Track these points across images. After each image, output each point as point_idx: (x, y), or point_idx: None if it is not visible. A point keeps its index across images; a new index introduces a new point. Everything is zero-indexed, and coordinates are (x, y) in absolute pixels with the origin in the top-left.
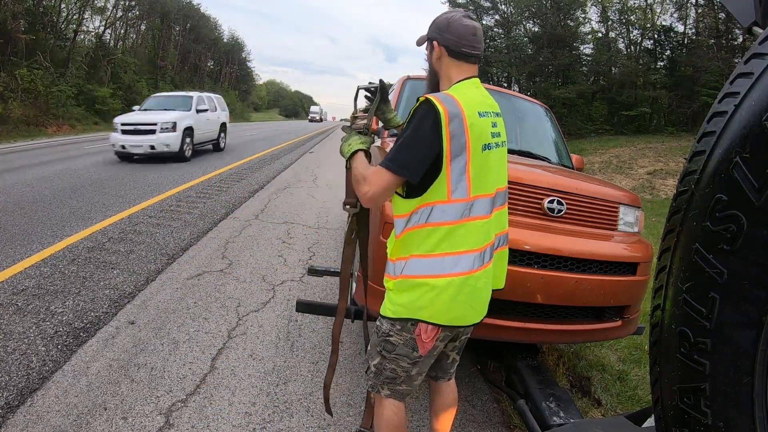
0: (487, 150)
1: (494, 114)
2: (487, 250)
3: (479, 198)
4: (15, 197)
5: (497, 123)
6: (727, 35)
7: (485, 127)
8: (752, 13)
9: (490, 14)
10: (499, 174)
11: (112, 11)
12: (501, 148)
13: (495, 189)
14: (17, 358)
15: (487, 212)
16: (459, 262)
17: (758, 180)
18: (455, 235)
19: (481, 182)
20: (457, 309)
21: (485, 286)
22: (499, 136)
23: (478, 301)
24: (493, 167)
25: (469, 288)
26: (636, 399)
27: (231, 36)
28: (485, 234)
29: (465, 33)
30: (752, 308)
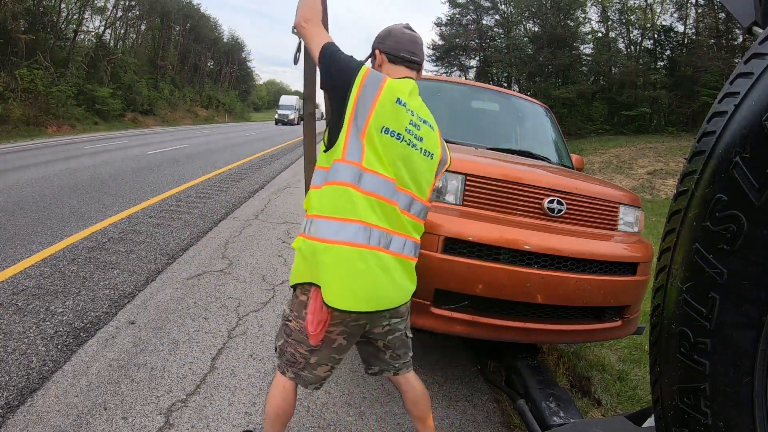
0: (395, 138)
1: (420, 118)
2: (383, 234)
3: (379, 175)
4: (15, 197)
5: (422, 128)
6: (727, 35)
7: (399, 114)
8: (752, 13)
9: (490, 14)
10: (417, 178)
11: (112, 11)
12: (425, 157)
13: (410, 188)
14: (17, 358)
15: (392, 198)
16: (347, 229)
17: (758, 180)
18: (350, 199)
19: (390, 164)
20: (334, 281)
21: (374, 271)
22: (420, 141)
23: (360, 282)
24: (411, 166)
25: (359, 263)
26: (636, 399)
27: (231, 36)
28: (384, 216)
29: (404, 40)
30: (752, 308)
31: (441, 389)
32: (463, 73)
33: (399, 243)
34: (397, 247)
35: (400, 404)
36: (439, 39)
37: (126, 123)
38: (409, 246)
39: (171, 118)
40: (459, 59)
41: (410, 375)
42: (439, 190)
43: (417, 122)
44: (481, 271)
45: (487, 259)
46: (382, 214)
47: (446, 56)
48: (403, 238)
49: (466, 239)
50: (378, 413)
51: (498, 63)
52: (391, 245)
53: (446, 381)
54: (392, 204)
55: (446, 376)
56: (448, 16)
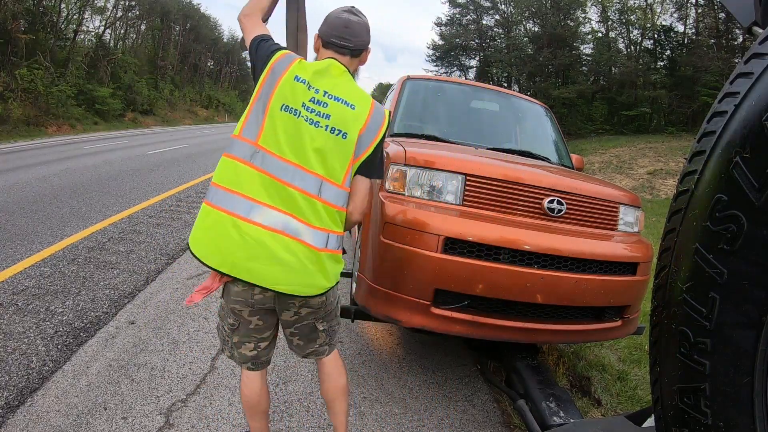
0: (291, 114)
1: (332, 96)
2: (277, 214)
3: (275, 156)
4: (15, 197)
5: (331, 105)
6: (727, 35)
7: (296, 91)
8: (752, 13)
9: (490, 14)
10: (325, 159)
11: (112, 11)
12: (332, 134)
13: (317, 170)
14: (17, 358)
15: (287, 179)
16: (230, 199)
17: (758, 180)
18: (236, 172)
19: (290, 145)
20: (211, 244)
21: (259, 243)
22: (326, 118)
23: (232, 247)
24: (313, 144)
25: (232, 229)
26: (636, 399)
27: (231, 36)
28: (279, 197)
29: (336, 24)
30: (752, 308)
31: (441, 389)
32: (463, 73)
33: (298, 227)
34: (295, 232)
35: (401, 404)
36: (439, 39)
37: (126, 123)
38: (318, 236)
39: (171, 118)
40: (459, 59)
41: (326, 361)
42: (439, 189)
43: (323, 100)
44: (481, 271)
45: (487, 259)
46: (276, 194)
47: (446, 56)
48: (306, 226)
49: (466, 239)
50: (378, 413)
51: (498, 63)
52: (287, 228)
53: (446, 381)
54: (291, 187)
55: (446, 376)
56: (448, 16)
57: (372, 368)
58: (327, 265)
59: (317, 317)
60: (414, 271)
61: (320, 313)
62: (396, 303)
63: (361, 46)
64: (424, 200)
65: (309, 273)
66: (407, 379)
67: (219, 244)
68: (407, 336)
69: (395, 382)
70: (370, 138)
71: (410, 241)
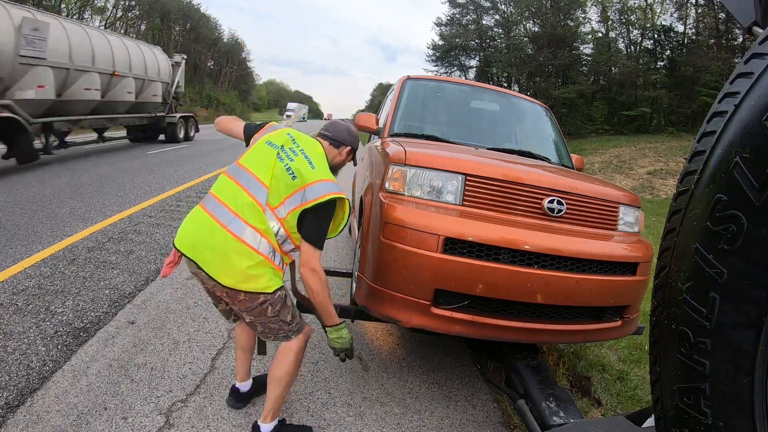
0: (270, 147)
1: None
2: (219, 204)
3: (240, 166)
4: (15, 197)
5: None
6: (727, 35)
7: (283, 137)
8: (752, 13)
9: (490, 14)
10: (267, 171)
11: (112, 11)
12: (282, 162)
13: (259, 176)
14: (17, 358)
15: (240, 181)
16: (207, 195)
17: (758, 180)
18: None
19: (251, 159)
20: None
21: (199, 226)
22: (291, 161)
23: (187, 229)
24: (268, 162)
25: (191, 216)
26: (636, 399)
27: (231, 36)
28: (224, 192)
29: (327, 124)
30: (752, 308)
31: (441, 389)
32: (463, 73)
33: (225, 216)
34: (224, 220)
35: (401, 404)
36: (439, 39)
37: None
38: (230, 217)
39: None
40: (459, 59)
41: (278, 349)
42: (438, 189)
43: (296, 150)
44: (481, 271)
45: (487, 259)
46: (230, 190)
47: (446, 56)
48: (229, 212)
49: (466, 239)
50: (378, 413)
51: (498, 63)
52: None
53: (446, 381)
54: (242, 186)
55: (446, 376)
56: (448, 16)
57: (372, 368)
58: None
59: (240, 308)
60: (414, 271)
61: (238, 305)
62: (396, 303)
63: (339, 138)
64: (424, 200)
65: (227, 261)
66: (407, 379)
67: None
68: (407, 336)
69: (395, 382)
70: (314, 195)
71: (410, 241)
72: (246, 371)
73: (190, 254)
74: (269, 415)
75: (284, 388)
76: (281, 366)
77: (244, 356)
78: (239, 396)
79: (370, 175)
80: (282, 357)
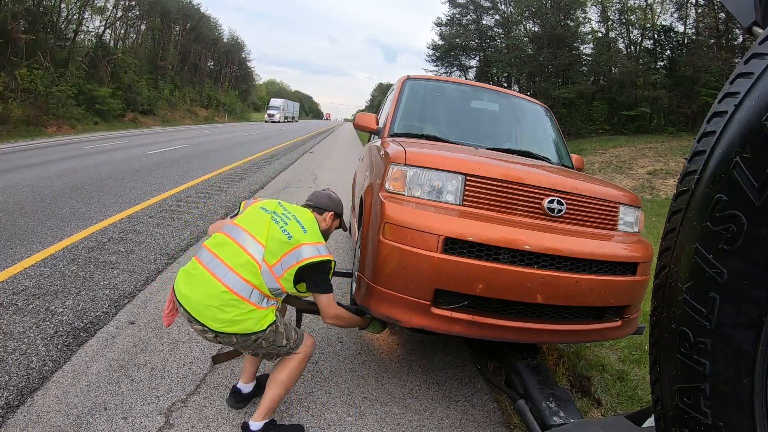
0: (264, 212)
1: (292, 217)
2: (215, 258)
3: (236, 225)
4: (15, 197)
5: (291, 223)
6: (727, 35)
7: (275, 204)
8: (752, 13)
9: (490, 14)
10: (263, 231)
11: (112, 11)
12: (277, 224)
13: (255, 235)
14: (17, 358)
15: (234, 237)
16: (201, 249)
17: (758, 180)
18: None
19: (246, 221)
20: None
21: (194, 278)
22: (285, 225)
23: (183, 281)
24: (263, 223)
25: (188, 267)
26: (636, 399)
27: (231, 36)
28: (220, 248)
29: (311, 194)
30: (752, 308)
31: (441, 389)
32: (463, 73)
33: (218, 268)
34: (219, 273)
35: (401, 404)
36: (439, 39)
37: (126, 123)
38: (223, 271)
39: (171, 118)
40: (459, 59)
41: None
42: (438, 189)
43: (288, 216)
44: (481, 271)
45: (487, 259)
46: (225, 247)
47: (446, 56)
48: (223, 265)
49: (466, 239)
50: (378, 413)
51: (498, 63)
52: (216, 269)
53: (446, 381)
54: (238, 243)
55: (446, 376)
56: (448, 16)
57: (372, 368)
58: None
59: (236, 347)
60: (414, 271)
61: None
62: (396, 303)
63: (320, 205)
64: (423, 200)
65: (215, 310)
66: (407, 379)
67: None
68: (407, 336)
69: (395, 382)
70: (308, 254)
71: (410, 241)
72: (252, 374)
73: (185, 304)
74: (262, 414)
75: (283, 391)
76: (284, 370)
77: (253, 359)
78: (240, 396)
79: (370, 175)
80: (286, 362)
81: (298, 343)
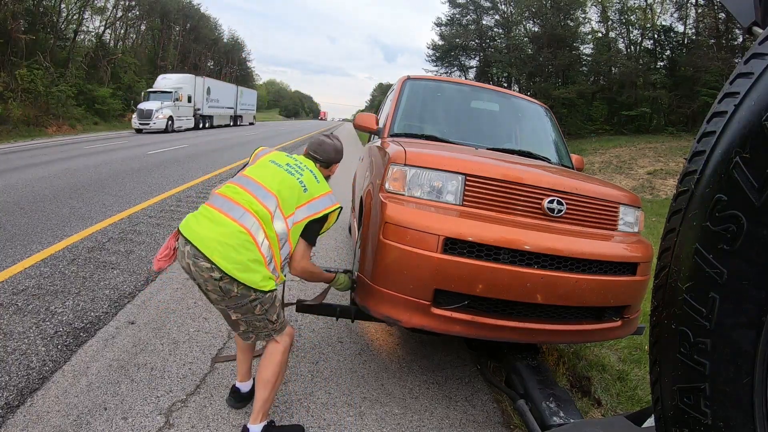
0: (274, 165)
1: (305, 168)
2: (229, 202)
3: (248, 177)
4: (15, 197)
5: (305, 174)
6: (727, 35)
7: (283, 156)
8: (752, 13)
9: (490, 14)
10: (275, 183)
11: (112, 11)
12: (299, 184)
13: (267, 187)
14: (17, 358)
15: (248, 188)
16: (213, 196)
17: (758, 180)
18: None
19: (258, 173)
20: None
21: (208, 219)
22: (301, 175)
23: (194, 220)
24: (275, 174)
25: (199, 211)
26: (636, 399)
27: (231, 36)
28: (234, 195)
29: (313, 142)
30: (752, 308)
31: (441, 389)
32: (463, 73)
33: (238, 212)
34: (235, 215)
35: (401, 404)
36: (439, 39)
37: (126, 123)
38: (245, 216)
39: None
40: (459, 59)
41: (264, 349)
42: (438, 190)
43: (301, 166)
44: (480, 271)
45: (487, 259)
46: (239, 196)
47: (446, 56)
48: (245, 211)
49: (466, 239)
50: (378, 413)
51: (498, 63)
52: (231, 211)
53: (446, 381)
54: (254, 196)
55: (446, 376)
56: (448, 16)
57: (372, 368)
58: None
59: (228, 305)
60: (414, 271)
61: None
62: (396, 303)
63: (328, 160)
64: (423, 200)
65: (229, 249)
66: (407, 379)
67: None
68: (407, 336)
69: (395, 382)
70: (319, 207)
71: (410, 241)
72: (246, 371)
73: (195, 241)
74: (258, 416)
75: (272, 390)
76: (268, 368)
77: (244, 357)
78: (239, 396)
79: (370, 175)
80: (269, 358)
81: (282, 327)
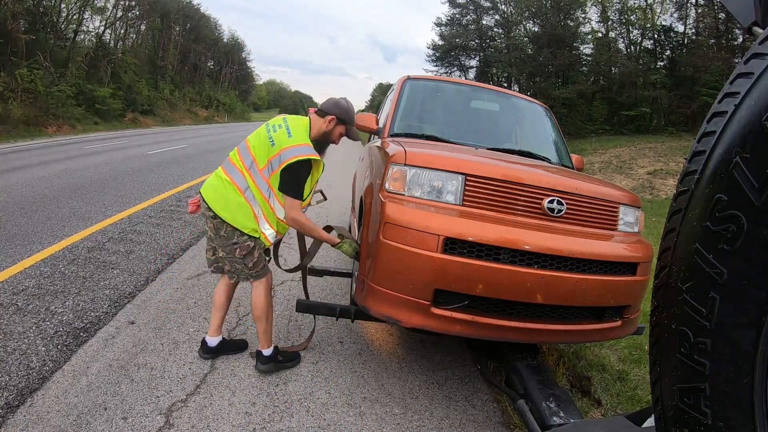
0: (264, 127)
1: (283, 127)
2: (229, 164)
3: (244, 141)
4: (15, 197)
5: (279, 132)
6: (727, 35)
7: (269, 122)
8: (752, 13)
9: (490, 14)
10: (252, 140)
11: (112, 11)
12: (268, 133)
13: (249, 146)
14: (17, 358)
15: (239, 149)
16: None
17: (758, 180)
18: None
19: (250, 137)
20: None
21: (212, 177)
22: (274, 133)
23: (207, 183)
24: (257, 137)
25: (214, 174)
26: (636, 399)
27: (231, 36)
28: (232, 156)
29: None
30: (752, 308)
31: (441, 389)
32: (463, 73)
33: (230, 167)
34: (228, 170)
35: (400, 404)
36: (439, 39)
37: (126, 123)
38: (232, 171)
39: (171, 118)
40: (459, 59)
41: (251, 291)
42: (438, 189)
43: (277, 128)
44: (481, 271)
45: (487, 259)
46: (234, 156)
47: (446, 56)
48: (233, 168)
49: (466, 239)
50: (378, 413)
51: (498, 63)
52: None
53: (446, 381)
54: (240, 154)
55: (446, 376)
56: (448, 16)
57: (372, 368)
58: (230, 197)
59: (218, 244)
60: (414, 271)
61: (218, 240)
62: (396, 303)
63: (324, 108)
64: (423, 200)
65: (223, 196)
66: (407, 379)
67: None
68: (407, 336)
69: (395, 382)
70: (286, 157)
71: (410, 241)
72: (216, 327)
73: (202, 189)
74: (265, 343)
75: (266, 321)
76: (257, 307)
77: (218, 314)
78: (206, 348)
79: (370, 175)
80: (253, 301)
81: (259, 275)
